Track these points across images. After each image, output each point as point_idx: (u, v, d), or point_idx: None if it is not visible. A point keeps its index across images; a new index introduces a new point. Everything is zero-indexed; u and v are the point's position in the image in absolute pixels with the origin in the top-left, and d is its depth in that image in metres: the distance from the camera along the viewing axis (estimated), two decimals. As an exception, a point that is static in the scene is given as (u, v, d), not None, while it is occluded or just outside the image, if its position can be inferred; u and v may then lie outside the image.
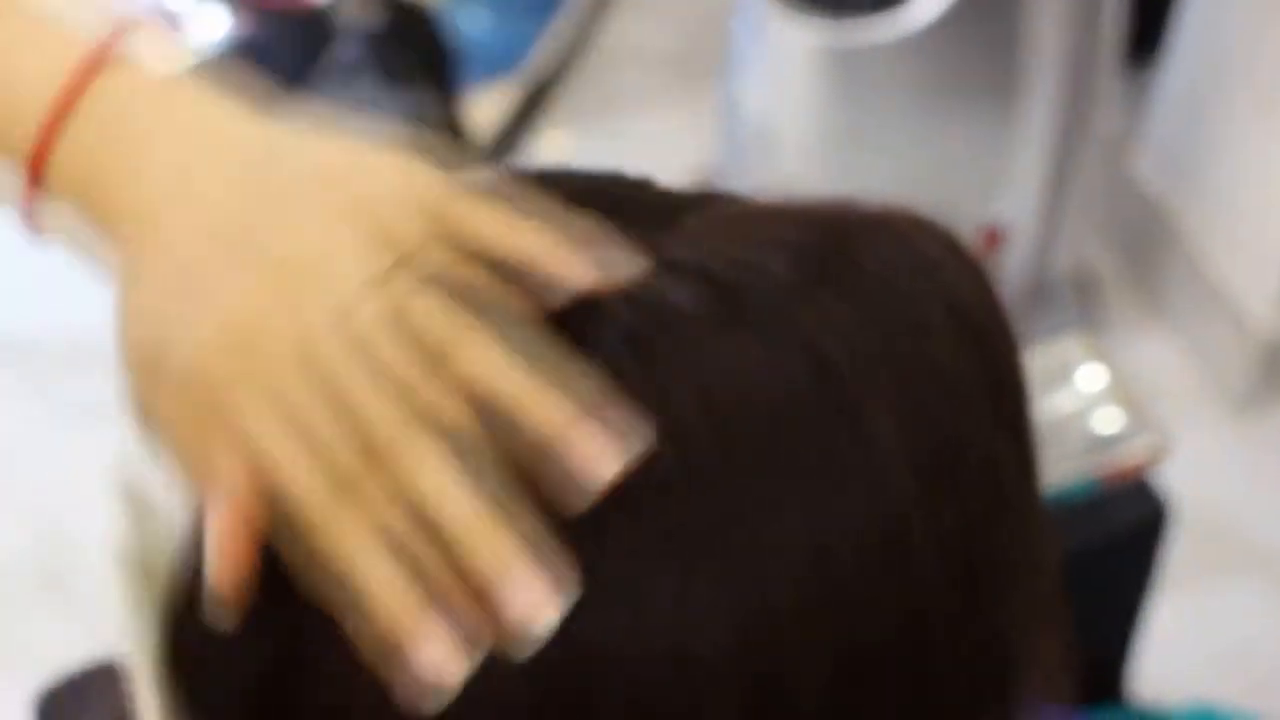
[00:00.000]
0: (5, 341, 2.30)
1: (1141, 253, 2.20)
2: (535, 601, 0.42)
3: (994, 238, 2.01)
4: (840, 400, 0.45)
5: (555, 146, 2.50)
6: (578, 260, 0.46)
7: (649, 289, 0.46)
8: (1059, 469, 1.28)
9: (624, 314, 0.45)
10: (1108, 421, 1.32)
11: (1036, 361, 1.31)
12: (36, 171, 0.53)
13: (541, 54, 2.54)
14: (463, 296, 0.45)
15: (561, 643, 0.43)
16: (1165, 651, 1.62)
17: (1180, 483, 1.34)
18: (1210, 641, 1.86)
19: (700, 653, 0.43)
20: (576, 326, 0.45)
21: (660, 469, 0.43)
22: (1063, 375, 1.37)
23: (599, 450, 0.43)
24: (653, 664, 0.43)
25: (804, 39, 1.88)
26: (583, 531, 0.43)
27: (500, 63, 2.53)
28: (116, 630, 0.75)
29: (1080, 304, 2.15)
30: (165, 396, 0.47)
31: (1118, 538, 1.35)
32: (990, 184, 1.98)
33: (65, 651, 1.17)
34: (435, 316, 0.45)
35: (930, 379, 0.47)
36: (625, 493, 0.43)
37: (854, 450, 0.45)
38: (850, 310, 0.47)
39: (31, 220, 0.56)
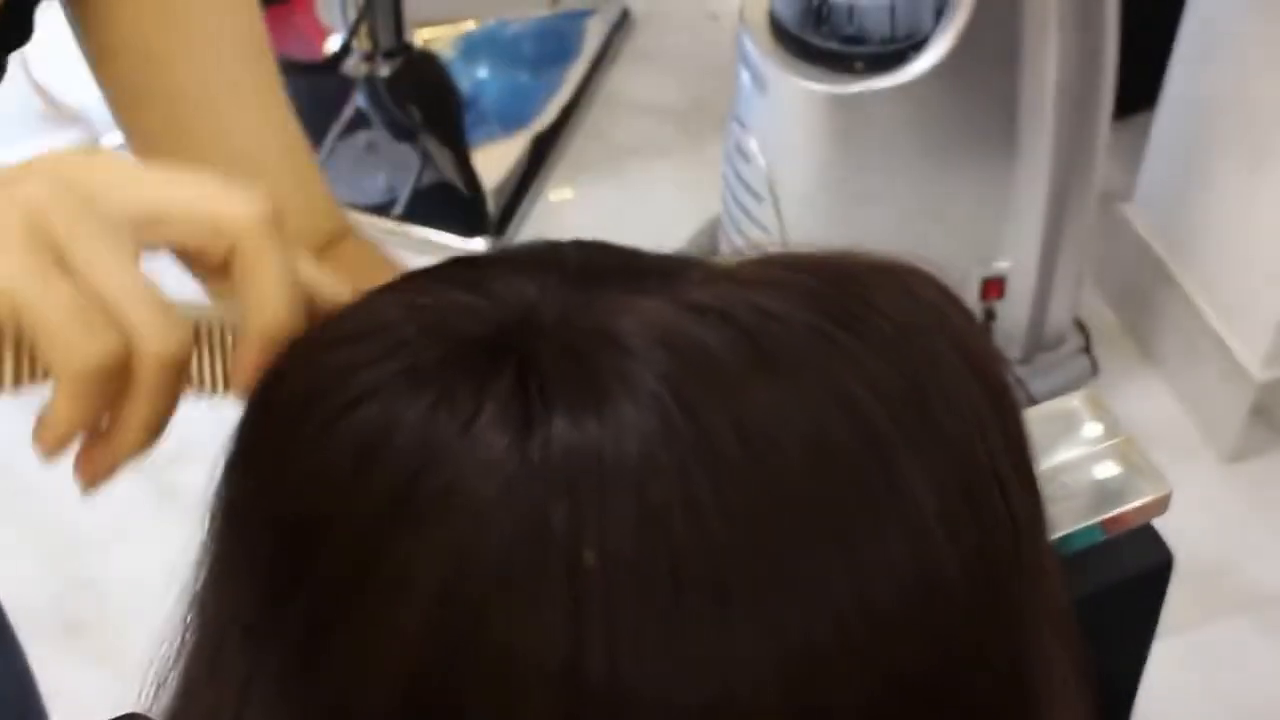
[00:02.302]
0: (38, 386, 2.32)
1: (1136, 302, 2.21)
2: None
3: (994, 287, 2.03)
4: (871, 440, 0.46)
5: (562, 197, 2.50)
6: None
7: (679, 332, 0.46)
8: (1065, 517, 1.29)
9: (659, 355, 0.46)
10: (1111, 471, 1.34)
11: (1041, 416, 1.33)
12: None
13: (548, 106, 2.55)
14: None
15: (604, 685, 0.43)
16: (1162, 695, 1.63)
17: (1175, 528, 1.34)
18: (1207, 685, 1.87)
19: (743, 693, 0.44)
20: (614, 368, 0.46)
21: (702, 509, 0.44)
22: (1067, 429, 1.38)
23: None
24: (696, 706, 0.43)
25: (806, 89, 1.90)
26: (625, 574, 0.43)
27: (508, 115, 2.54)
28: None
29: (1080, 351, 2.17)
30: None
31: (1123, 584, 1.36)
32: (990, 233, 2.00)
33: (91, 699, 1.15)
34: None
35: (950, 415, 0.48)
36: (666, 535, 0.43)
37: (888, 488, 0.46)
38: (871, 352, 0.47)
39: None
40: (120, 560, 2.08)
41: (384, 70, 2.37)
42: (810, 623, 0.44)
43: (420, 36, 2.50)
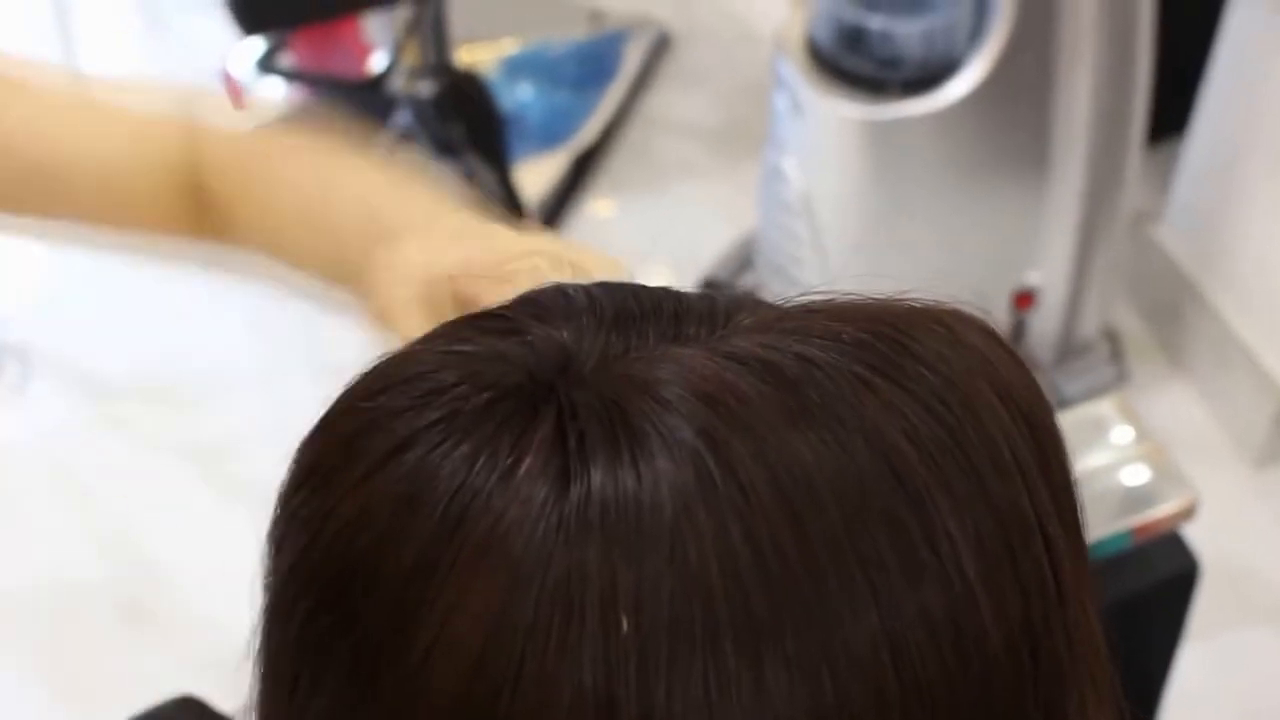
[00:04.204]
0: (82, 376, 2.36)
1: (1166, 314, 2.23)
2: None
3: (1026, 299, 2.05)
4: (908, 491, 0.45)
5: (602, 213, 2.53)
6: None
7: (718, 383, 0.46)
8: (1093, 524, 1.30)
9: (697, 408, 0.45)
10: (1140, 477, 1.36)
11: (1072, 420, 1.35)
12: None
13: (588, 125, 2.58)
14: None
15: None
16: (1188, 702, 1.63)
17: (1202, 535, 1.36)
18: (1233, 691, 1.88)
19: None
20: (651, 420, 0.45)
21: (738, 565, 0.43)
22: (1097, 433, 1.39)
23: None
24: None
25: (841, 113, 1.92)
26: (659, 635, 0.43)
27: (548, 134, 2.57)
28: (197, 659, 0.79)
29: (1110, 359, 2.20)
30: None
31: (1151, 591, 1.38)
32: (1023, 249, 2.02)
33: (145, 683, 1.19)
34: None
35: (991, 464, 0.47)
36: (702, 596, 0.43)
37: (924, 540, 0.45)
38: (910, 401, 0.46)
39: None
40: (176, 547, 2.11)
41: (428, 89, 2.39)
42: (846, 683, 0.43)
43: (464, 56, 2.53)
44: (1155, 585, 1.37)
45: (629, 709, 0.43)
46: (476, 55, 2.62)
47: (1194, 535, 1.36)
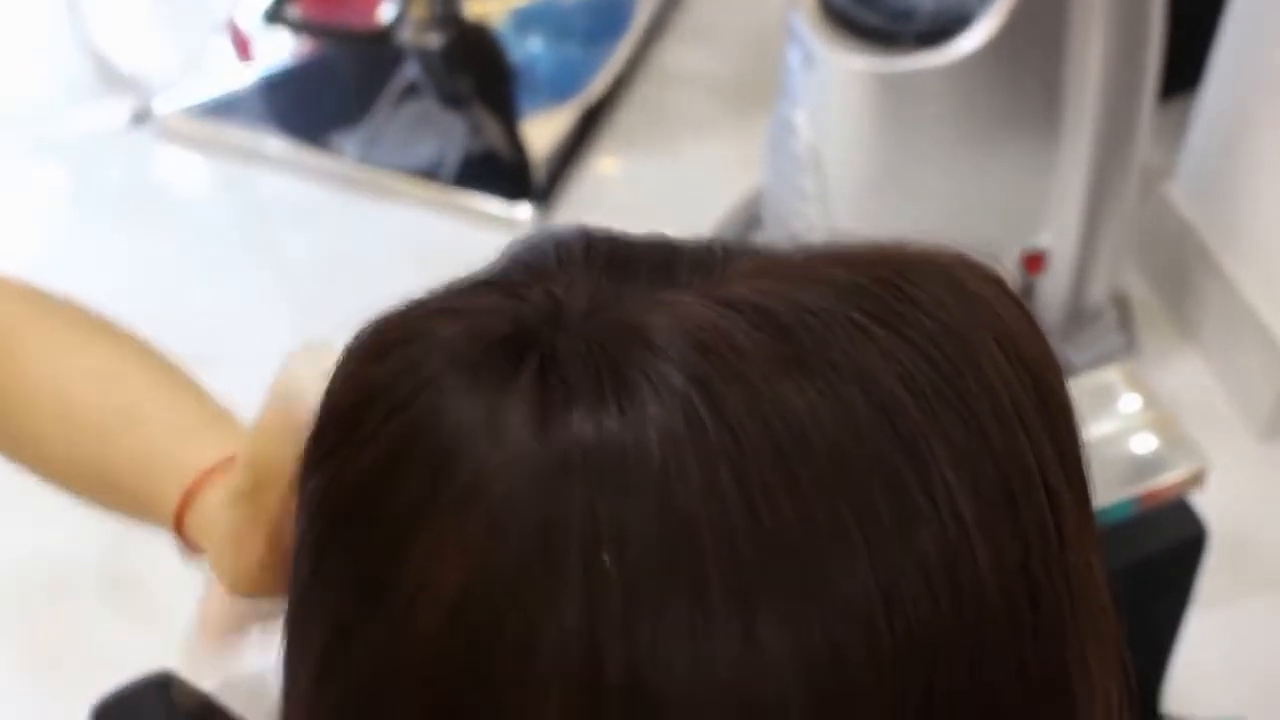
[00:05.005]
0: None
1: (1175, 281, 2.22)
2: None
3: (1035, 262, 2.04)
4: (903, 438, 0.44)
5: (609, 168, 2.52)
6: None
7: (711, 329, 0.45)
8: (1099, 491, 1.30)
9: (687, 353, 0.45)
10: (1147, 445, 1.35)
11: (1079, 388, 1.34)
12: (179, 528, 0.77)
13: (598, 79, 2.57)
14: None
15: (624, 690, 0.42)
16: (1195, 671, 1.63)
17: (1210, 506, 1.35)
18: (1240, 661, 1.88)
19: (767, 700, 0.43)
20: (639, 365, 0.45)
21: (728, 511, 0.43)
22: (1104, 401, 1.39)
23: None
24: (722, 708, 0.42)
25: (853, 66, 1.91)
26: (644, 578, 0.42)
27: (557, 87, 2.56)
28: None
29: (1118, 327, 2.19)
30: None
31: (1157, 558, 1.37)
32: (1032, 210, 2.00)
33: (130, 654, 1.18)
34: None
35: (991, 413, 0.46)
36: (689, 540, 0.42)
37: (920, 488, 0.44)
38: (908, 348, 0.46)
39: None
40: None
41: (436, 41, 2.38)
42: (836, 631, 0.43)
43: (473, 8, 2.51)
44: (1163, 551, 1.36)
45: (612, 652, 0.42)
46: (486, 7, 2.60)
47: (1201, 505, 1.35)
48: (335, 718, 0.48)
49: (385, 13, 2.45)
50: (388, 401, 0.47)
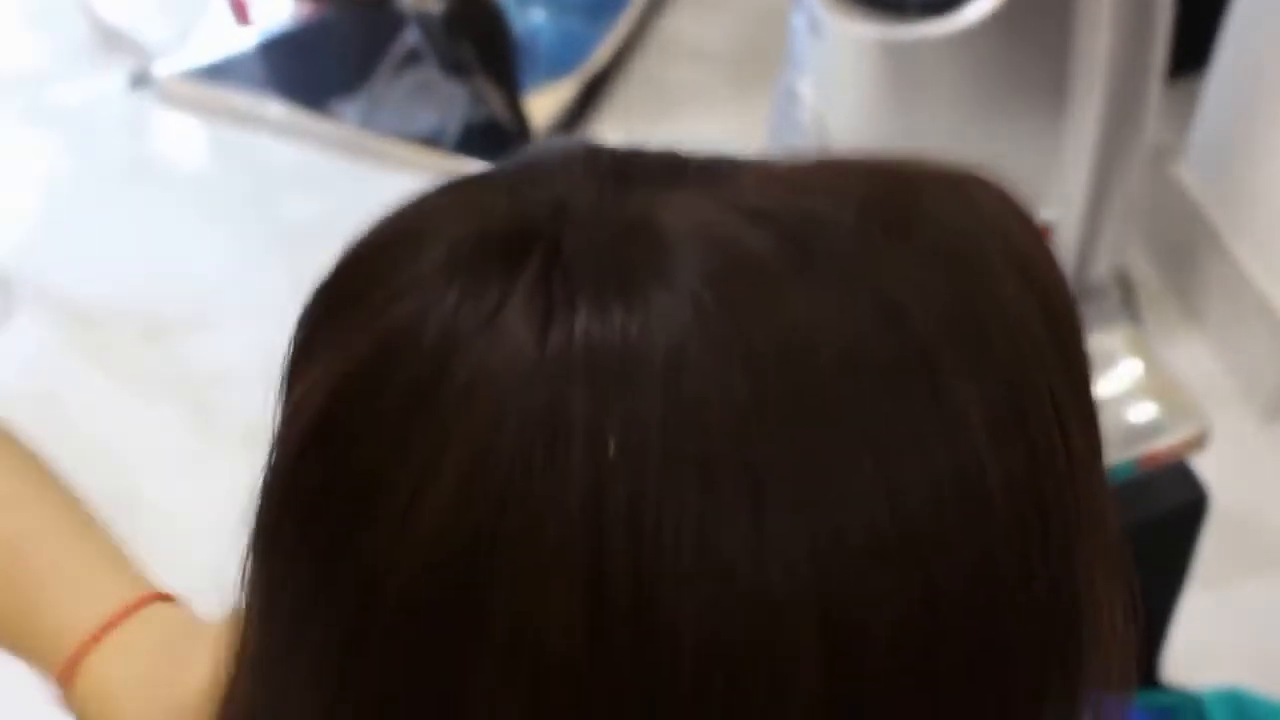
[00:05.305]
0: (65, 308, 2.34)
1: (1180, 259, 2.21)
2: None
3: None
4: (913, 347, 0.44)
5: (611, 139, 2.51)
6: None
7: (720, 229, 0.45)
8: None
9: (696, 250, 0.44)
10: (1148, 408, 1.35)
11: None
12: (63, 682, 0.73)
13: (600, 50, 2.56)
14: None
15: (629, 577, 0.42)
16: (1198, 649, 1.63)
17: (1214, 484, 1.35)
18: (1241, 639, 1.87)
19: (776, 585, 0.42)
20: (648, 260, 0.44)
21: (737, 401, 0.43)
22: (1107, 366, 1.39)
23: None
24: (728, 595, 0.42)
25: (860, 35, 1.89)
26: (650, 463, 0.42)
27: (559, 60, 2.55)
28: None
29: (1122, 305, 2.17)
30: None
31: (1157, 520, 1.37)
32: (1037, 183, 1.98)
33: None
34: None
35: (998, 326, 0.46)
36: (697, 428, 0.42)
37: (928, 397, 0.44)
38: (918, 259, 0.46)
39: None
40: (159, 480, 2.09)
41: (437, 7, 2.37)
42: (843, 527, 0.43)
43: (475, -24, 2.50)
44: (1162, 515, 1.36)
45: (616, 538, 0.42)
46: (489, -25, 2.58)
47: (1204, 483, 1.35)
48: (323, 647, 0.47)
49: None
50: (384, 294, 0.46)
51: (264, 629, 0.50)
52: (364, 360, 0.46)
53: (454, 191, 0.50)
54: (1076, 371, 0.49)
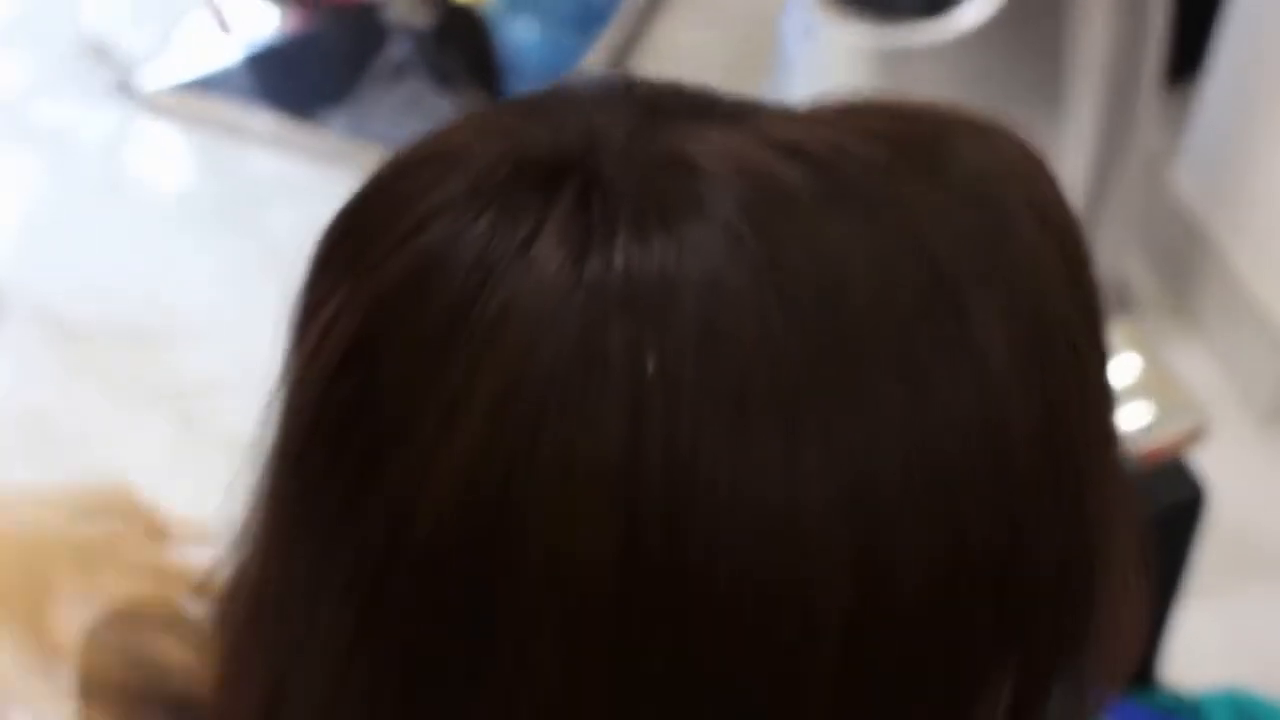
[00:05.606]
0: (54, 320, 2.33)
1: (1176, 264, 2.21)
2: None
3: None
4: (941, 281, 0.45)
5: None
6: None
7: (754, 162, 0.46)
8: None
9: (731, 182, 0.45)
10: (1146, 403, 1.34)
11: None
12: None
13: (588, 61, 2.55)
14: None
15: (662, 496, 0.42)
16: (1196, 656, 1.62)
17: (1212, 492, 1.35)
18: (1240, 647, 1.87)
19: (808, 514, 0.43)
20: (685, 190, 0.45)
21: (772, 332, 0.43)
22: None
23: None
24: (760, 523, 0.43)
25: (852, 42, 1.89)
26: (686, 385, 0.43)
27: (548, 71, 2.53)
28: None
29: (1119, 312, 2.17)
30: None
31: (1154, 520, 1.36)
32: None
33: None
34: None
35: (1021, 265, 0.47)
36: (734, 353, 0.43)
37: (957, 330, 0.45)
38: (946, 197, 0.47)
39: None
40: (147, 492, 2.08)
41: (425, 20, 2.38)
42: (874, 458, 0.43)
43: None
44: (1158, 512, 1.34)
45: (650, 467, 0.42)
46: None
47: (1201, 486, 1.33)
48: (350, 577, 0.47)
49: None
50: (414, 217, 0.47)
51: (284, 564, 0.50)
52: (397, 284, 0.46)
53: (483, 118, 0.50)
54: (1092, 316, 0.50)
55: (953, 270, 0.45)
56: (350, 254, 0.49)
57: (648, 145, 0.47)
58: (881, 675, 0.45)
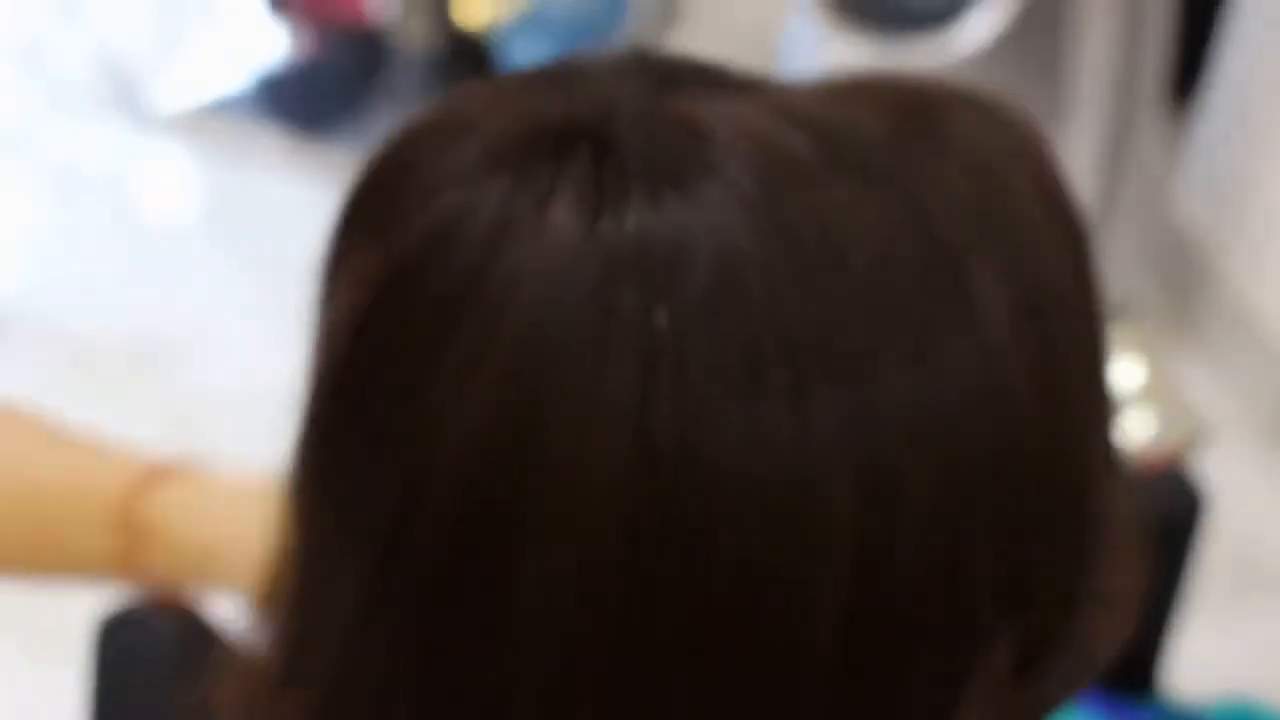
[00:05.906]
0: (58, 338, 2.33)
1: (1178, 282, 2.21)
2: None
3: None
4: (942, 248, 0.46)
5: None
6: None
7: (763, 129, 0.47)
8: None
9: (742, 147, 0.46)
10: (1146, 409, 1.33)
11: None
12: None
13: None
14: None
15: (674, 452, 0.44)
16: (1197, 673, 1.61)
17: (1215, 510, 1.34)
18: (1241, 663, 1.86)
19: (814, 477, 0.44)
20: (696, 155, 0.46)
21: (779, 285, 0.44)
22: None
23: None
24: (769, 471, 0.44)
25: (854, 60, 1.90)
26: (696, 341, 0.44)
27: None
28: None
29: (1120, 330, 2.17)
30: None
31: (1153, 526, 1.35)
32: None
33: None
34: None
35: (1020, 232, 0.48)
36: (744, 311, 0.44)
37: (957, 293, 0.46)
38: (948, 165, 0.48)
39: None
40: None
41: (432, 44, 2.39)
42: (878, 405, 0.45)
43: (466, 14, 2.52)
44: (1157, 521, 1.34)
45: (663, 416, 0.44)
46: (479, 13, 2.59)
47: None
48: (369, 531, 0.48)
49: (374, 12, 2.47)
50: (430, 181, 0.48)
51: (311, 519, 0.52)
52: (416, 245, 0.47)
53: (497, 87, 0.52)
54: (1086, 281, 0.51)
55: (952, 237, 0.46)
56: (371, 216, 0.50)
57: (660, 112, 0.48)
58: (883, 619, 0.46)
